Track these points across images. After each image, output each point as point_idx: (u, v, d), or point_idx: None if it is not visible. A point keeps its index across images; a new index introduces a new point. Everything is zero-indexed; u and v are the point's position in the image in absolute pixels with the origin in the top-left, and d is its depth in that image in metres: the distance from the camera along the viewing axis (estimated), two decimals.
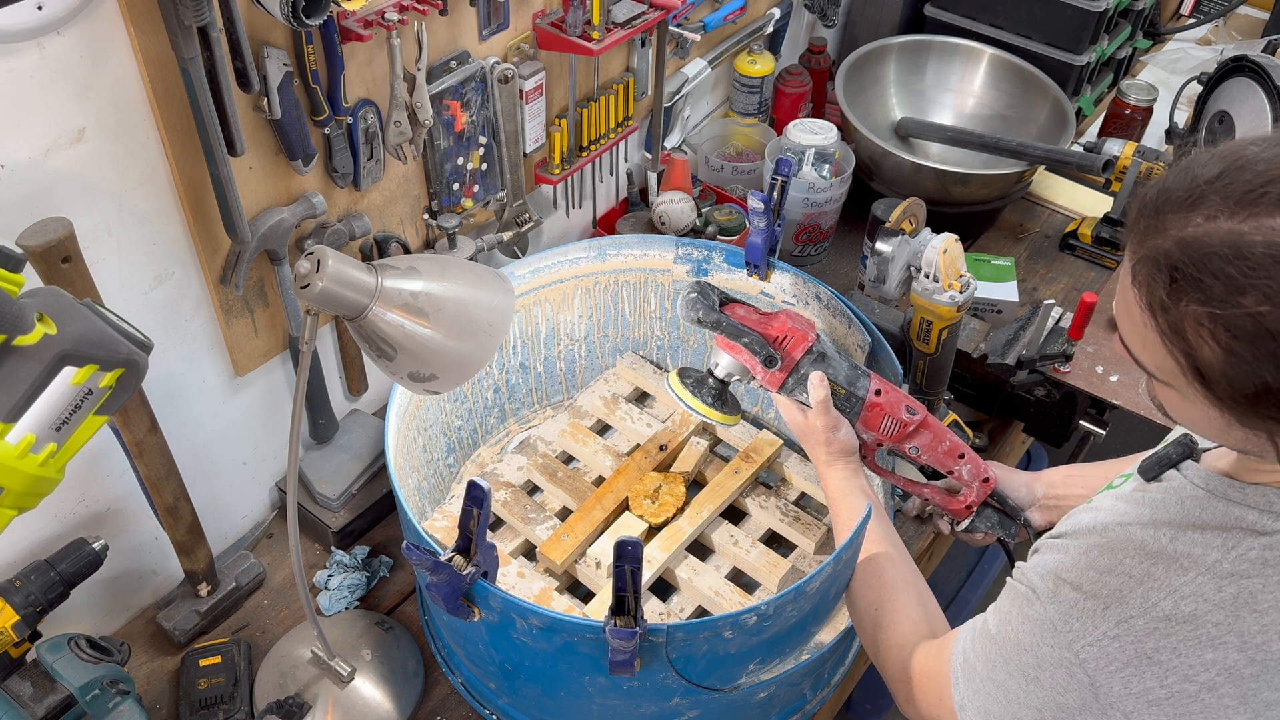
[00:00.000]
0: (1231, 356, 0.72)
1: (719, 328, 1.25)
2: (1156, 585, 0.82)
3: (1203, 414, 0.79)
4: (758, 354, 1.23)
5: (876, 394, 1.27)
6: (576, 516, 1.45)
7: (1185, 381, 0.77)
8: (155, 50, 1.08)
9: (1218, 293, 0.71)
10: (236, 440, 1.47)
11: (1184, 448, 0.91)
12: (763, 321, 1.27)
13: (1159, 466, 0.91)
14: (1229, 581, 0.79)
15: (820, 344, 1.27)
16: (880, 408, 1.26)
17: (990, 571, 2.35)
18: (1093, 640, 0.84)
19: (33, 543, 1.27)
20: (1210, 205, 0.72)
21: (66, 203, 1.10)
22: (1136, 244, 0.77)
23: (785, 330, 1.26)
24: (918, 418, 1.26)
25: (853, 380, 1.26)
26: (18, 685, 1.15)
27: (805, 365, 1.25)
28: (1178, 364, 0.77)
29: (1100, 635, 0.83)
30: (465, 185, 1.53)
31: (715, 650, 1.14)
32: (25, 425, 0.82)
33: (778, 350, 1.25)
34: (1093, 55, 2.15)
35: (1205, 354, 0.73)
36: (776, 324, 1.27)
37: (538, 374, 1.65)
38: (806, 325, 1.27)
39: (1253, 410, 0.74)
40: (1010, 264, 1.93)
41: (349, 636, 1.41)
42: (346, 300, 0.96)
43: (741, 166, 2.04)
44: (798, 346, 1.25)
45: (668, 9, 1.58)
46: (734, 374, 1.28)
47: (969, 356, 1.71)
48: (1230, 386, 0.73)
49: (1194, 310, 0.72)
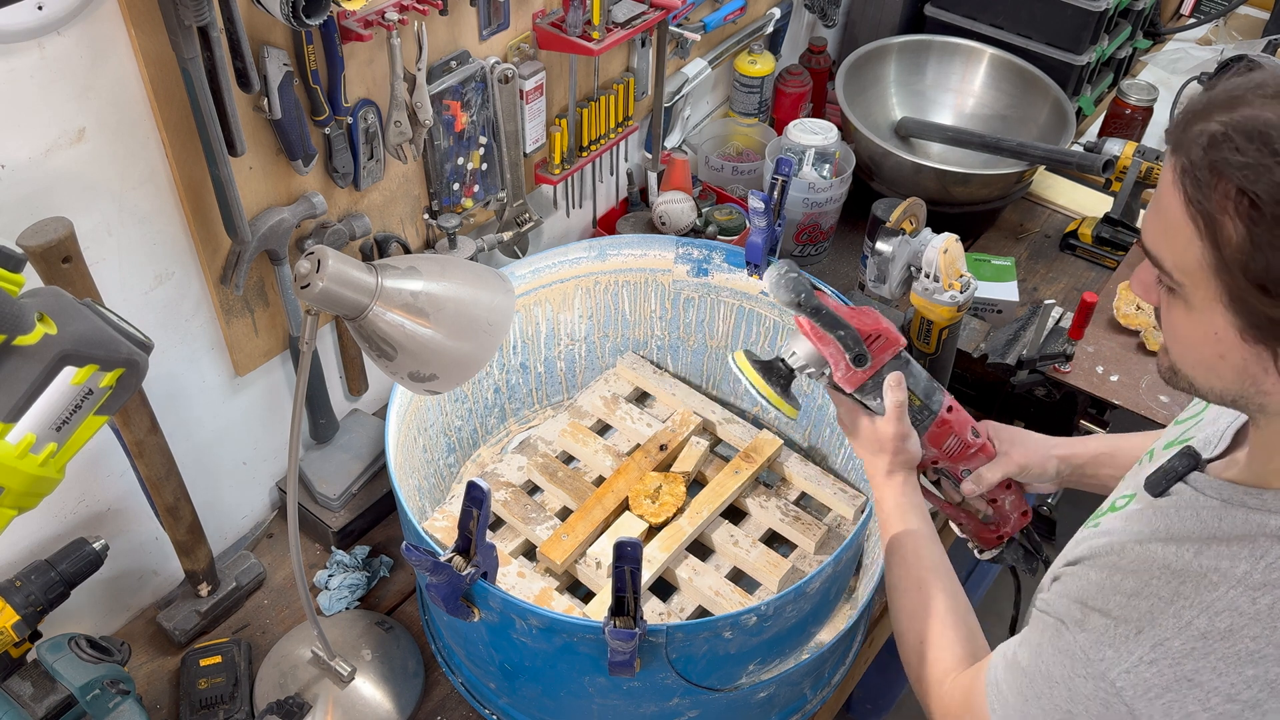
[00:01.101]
0: (1254, 228, 0.70)
1: (817, 315, 1.14)
2: (1188, 604, 0.79)
3: (1208, 330, 0.76)
4: (849, 349, 1.13)
5: (949, 410, 1.19)
6: (576, 516, 1.45)
7: (1200, 277, 0.74)
8: (155, 50, 1.08)
9: (1251, 159, 0.69)
10: (237, 440, 1.47)
11: (1189, 459, 0.88)
12: (854, 315, 1.16)
13: (1165, 480, 0.88)
14: (1263, 592, 0.77)
15: (908, 349, 1.18)
16: (949, 425, 1.19)
17: (990, 571, 2.35)
18: (1128, 667, 0.80)
19: (33, 543, 1.27)
20: (1253, 102, 0.72)
21: (66, 203, 1.10)
22: (1179, 132, 0.75)
23: (878, 329, 1.15)
24: (980, 440, 1.20)
25: (929, 393, 1.18)
26: (18, 685, 1.15)
27: (888, 369, 1.16)
28: (1198, 247, 0.73)
29: (1136, 661, 0.80)
30: (465, 185, 1.53)
31: (715, 650, 1.14)
32: (25, 425, 0.82)
33: (868, 349, 1.15)
34: (1093, 55, 2.15)
35: (1228, 230, 0.71)
36: (869, 320, 1.16)
37: (538, 374, 1.65)
38: (895, 328, 1.18)
39: (1261, 308, 0.72)
40: (1010, 264, 1.93)
41: (349, 636, 1.41)
42: (347, 300, 0.96)
43: (741, 166, 2.04)
44: (888, 349, 1.15)
45: (668, 9, 1.58)
46: (809, 365, 1.17)
47: (969, 356, 1.71)
48: (1244, 271, 0.71)
49: (1224, 185, 0.71)
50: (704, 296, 1.61)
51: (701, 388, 1.72)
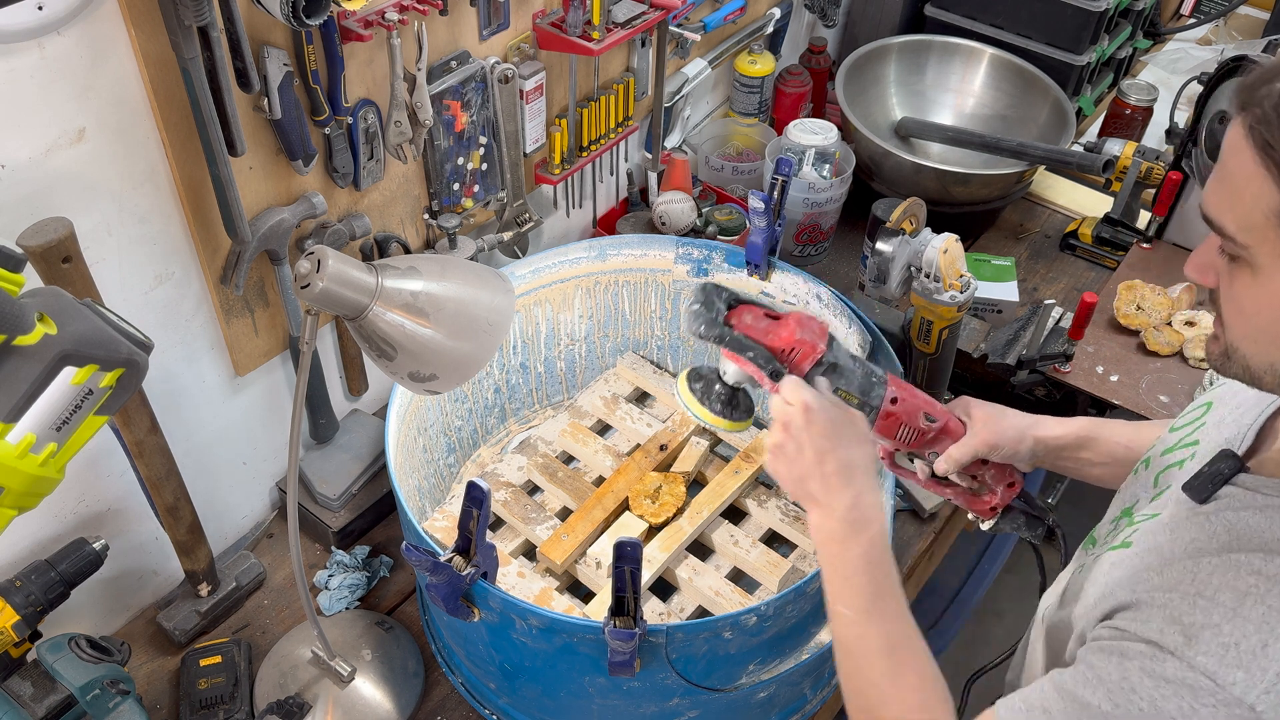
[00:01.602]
0: None
1: (722, 343, 1.17)
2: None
3: (1275, 291, 0.74)
4: (763, 368, 1.16)
5: (893, 402, 1.19)
6: (576, 516, 1.45)
7: (1272, 231, 0.73)
8: (155, 50, 1.08)
9: None
10: (237, 440, 1.47)
11: (1233, 460, 0.84)
12: (771, 330, 1.19)
13: (1211, 485, 0.83)
14: None
15: (832, 352, 1.18)
16: (896, 417, 1.19)
17: (990, 571, 2.35)
18: (1267, 687, 0.72)
19: (33, 543, 1.27)
20: None
21: (67, 203, 1.10)
22: (1248, 93, 0.74)
23: (792, 342, 1.17)
24: (937, 424, 1.19)
25: (866, 389, 1.18)
26: (18, 685, 1.15)
27: (814, 376, 1.17)
28: (1270, 198, 0.72)
29: (1275, 677, 0.72)
30: (465, 185, 1.53)
31: (715, 650, 1.14)
32: (25, 425, 0.82)
33: (785, 363, 1.17)
34: (1093, 55, 2.15)
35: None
36: (784, 333, 1.18)
37: (538, 374, 1.65)
38: (818, 333, 1.19)
39: None
40: (1010, 264, 1.93)
41: (349, 636, 1.41)
42: (347, 300, 0.96)
43: (742, 166, 2.04)
44: (806, 359, 1.17)
45: (668, 9, 1.58)
46: (743, 382, 1.21)
47: (969, 356, 1.71)
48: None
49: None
50: None
51: None
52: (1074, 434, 1.19)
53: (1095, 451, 1.19)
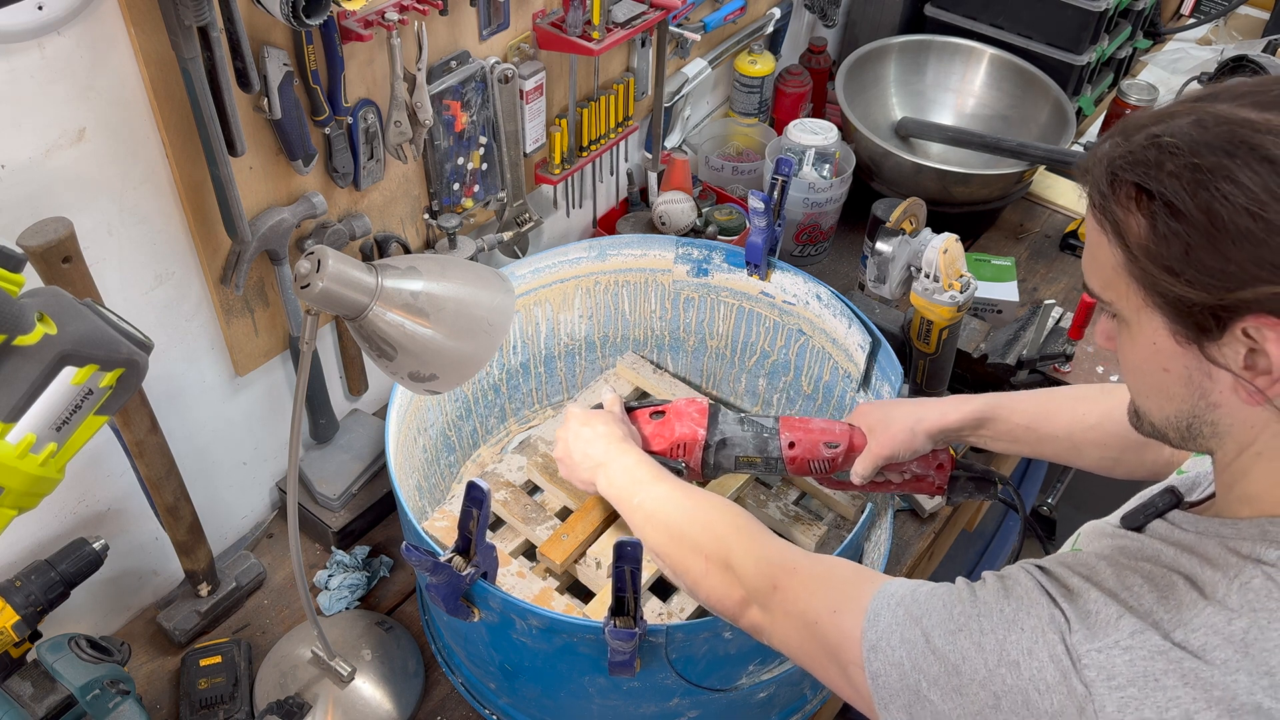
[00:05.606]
0: (1152, 218, 0.72)
1: None
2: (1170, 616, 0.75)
3: (1147, 342, 0.77)
4: (667, 467, 1.24)
5: (790, 446, 1.28)
6: (576, 516, 1.45)
7: (1122, 284, 0.76)
8: (155, 50, 1.08)
9: (1139, 158, 0.73)
10: (237, 440, 1.47)
11: (1169, 496, 0.86)
12: (660, 430, 1.30)
13: (1143, 516, 0.86)
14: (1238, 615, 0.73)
15: (716, 430, 1.29)
16: (799, 458, 1.28)
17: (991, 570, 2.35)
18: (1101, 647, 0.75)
19: (33, 543, 1.27)
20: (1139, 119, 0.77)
21: (67, 203, 1.10)
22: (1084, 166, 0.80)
23: (675, 439, 1.28)
24: (840, 449, 1.26)
25: (762, 447, 1.28)
26: (18, 685, 1.15)
27: (711, 457, 1.28)
28: (1112, 254, 0.76)
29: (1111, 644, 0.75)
30: (465, 185, 1.53)
31: (715, 650, 1.14)
32: (25, 425, 0.82)
33: (680, 458, 1.29)
34: (1093, 55, 2.15)
35: (1132, 226, 0.74)
36: (667, 430, 1.29)
37: (538, 374, 1.65)
38: (696, 418, 1.29)
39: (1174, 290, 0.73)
40: (1010, 264, 1.93)
41: (349, 636, 1.41)
42: (347, 300, 0.96)
43: (742, 166, 2.04)
44: (693, 448, 1.28)
45: (668, 9, 1.58)
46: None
47: (969, 356, 1.71)
48: (1149, 256, 0.73)
49: (1123, 188, 0.74)
50: (704, 296, 1.61)
51: (701, 388, 1.72)
52: (970, 416, 1.24)
53: (994, 430, 1.24)
